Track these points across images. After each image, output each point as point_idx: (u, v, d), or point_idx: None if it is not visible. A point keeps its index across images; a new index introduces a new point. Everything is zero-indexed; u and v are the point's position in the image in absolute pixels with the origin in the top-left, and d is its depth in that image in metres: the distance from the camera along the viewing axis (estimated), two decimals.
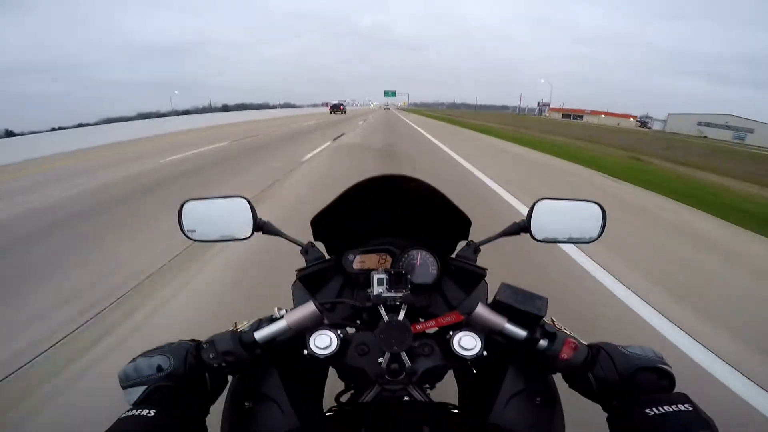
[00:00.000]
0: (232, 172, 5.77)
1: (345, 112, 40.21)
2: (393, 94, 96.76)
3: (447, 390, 0.68)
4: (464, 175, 5.53)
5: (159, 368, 0.47)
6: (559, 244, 2.29)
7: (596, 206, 0.68)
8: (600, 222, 0.68)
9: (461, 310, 0.56)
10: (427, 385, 0.66)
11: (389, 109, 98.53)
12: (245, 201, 0.68)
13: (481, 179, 5.23)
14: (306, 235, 0.72)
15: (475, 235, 0.72)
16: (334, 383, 0.67)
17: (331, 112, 38.78)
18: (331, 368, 0.64)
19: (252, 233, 0.68)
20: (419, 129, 14.93)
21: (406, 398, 0.55)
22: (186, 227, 0.68)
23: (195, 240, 0.69)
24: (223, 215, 0.68)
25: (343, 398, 0.66)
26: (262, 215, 0.67)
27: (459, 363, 0.55)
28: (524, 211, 1.14)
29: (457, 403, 0.64)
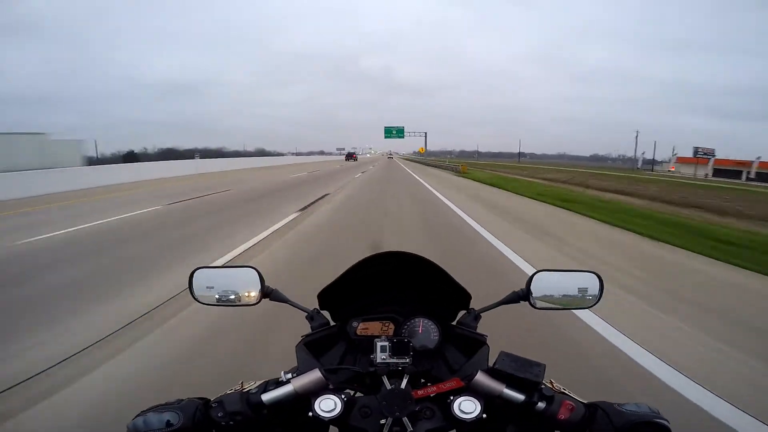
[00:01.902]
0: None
1: (356, 159, 55.98)
2: (400, 132, 50.91)
3: None
4: None
5: (168, 424, 0.52)
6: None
7: (594, 276, 0.76)
8: (597, 290, 0.75)
9: (461, 376, 0.62)
10: None
11: (392, 158, 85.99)
12: (254, 271, 0.76)
13: None
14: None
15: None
16: None
17: (346, 159, 55.28)
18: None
19: (260, 300, 0.76)
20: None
21: None
22: (196, 291, 0.77)
23: (203, 303, 0.77)
24: (232, 282, 0.77)
25: None
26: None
27: (459, 426, 0.60)
28: None
29: None
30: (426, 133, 56.95)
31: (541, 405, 0.57)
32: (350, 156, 57.28)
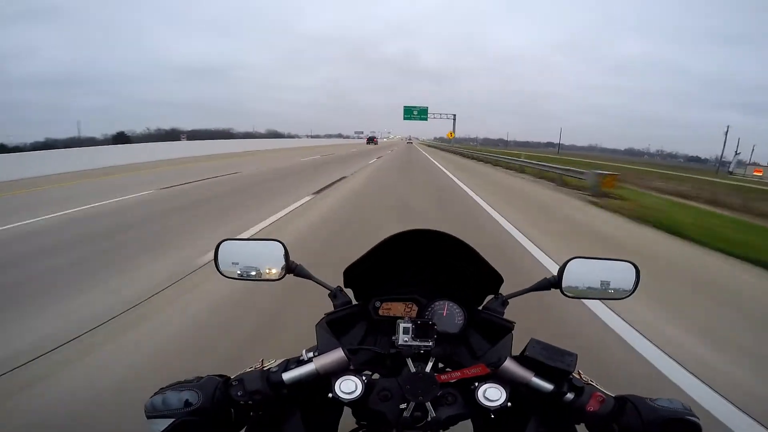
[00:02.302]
0: None
1: (377, 143, 59.73)
2: (422, 114, 44.89)
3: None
4: None
5: (187, 403, 0.51)
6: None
7: (630, 265, 0.73)
8: (633, 280, 0.73)
9: (487, 360, 0.62)
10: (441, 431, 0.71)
11: (411, 142, 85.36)
12: (280, 244, 0.76)
13: None
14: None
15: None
16: (345, 420, 0.71)
17: (367, 143, 59.17)
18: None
19: (284, 275, 0.76)
20: None
21: None
22: (221, 264, 0.77)
23: (227, 277, 0.77)
24: (257, 256, 0.77)
25: None
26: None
27: (481, 413, 0.59)
28: None
29: None
30: (455, 116, 46.06)
31: (569, 395, 0.57)
32: (371, 140, 64.44)
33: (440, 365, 0.70)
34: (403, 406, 0.59)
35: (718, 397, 1.80)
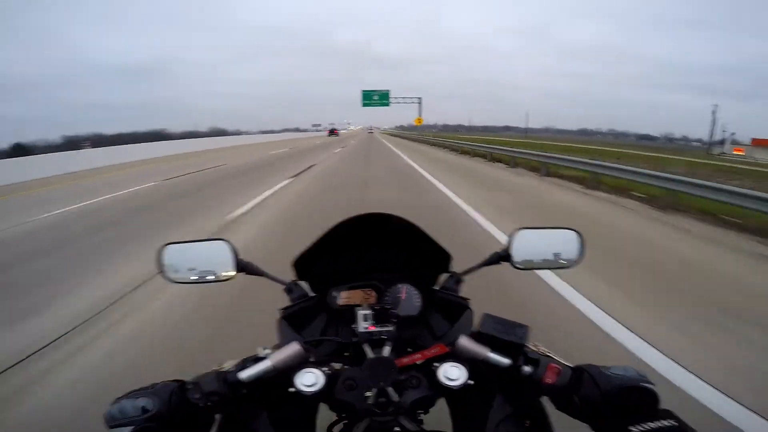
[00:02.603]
0: None
1: (338, 135, 59.48)
2: (384, 99, 36.55)
3: (442, 415, 0.72)
4: None
5: (143, 410, 0.51)
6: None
7: (573, 233, 0.77)
8: (578, 247, 0.76)
9: (445, 341, 0.62)
10: (421, 411, 0.71)
11: (372, 132, 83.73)
12: (226, 243, 0.74)
13: None
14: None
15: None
16: (327, 412, 0.71)
17: (328, 135, 58.70)
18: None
19: (235, 275, 0.74)
20: None
21: (397, 429, 0.59)
22: (166, 269, 0.74)
23: (175, 282, 0.75)
24: (204, 257, 0.75)
25: (336, 429, 0.70)
26: None
27: (447, 394, 0.61)
28: None
29: (450, 427, 0.70)
30: (420, 99, 36.86)
31: (527, 369, 0.58)
32: (332, 132, 64.58)
33: (409, 350, 0.70)
34: (369, 393, 0.59)
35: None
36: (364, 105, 37.81)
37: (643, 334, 2.19)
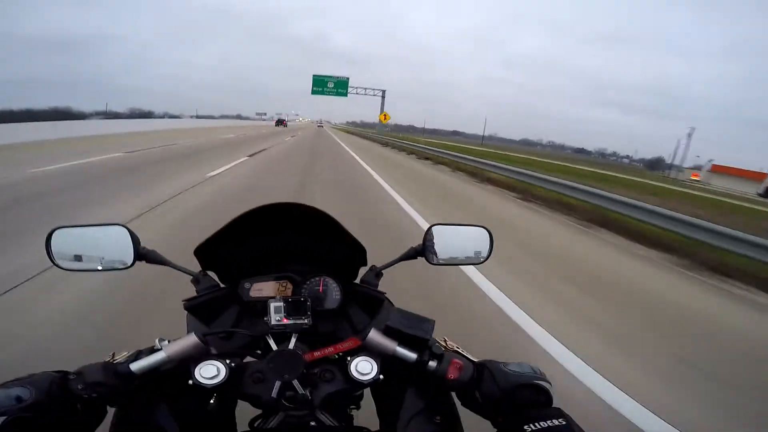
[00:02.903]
0: None
1: (286, 126, 61.80)
2: (341, 87, 30.78)
3: (374, 411, 0.74)
4: None
5: (18, 399, 0.48)
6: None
7: (484, 230, 0.82)
8: (488, 244, 0.82)
9: (360, 336, 0.63)
10: (353, 407, 0.74)
11: (322, 126, 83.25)
12: (124, 229, 0.69)
13: None
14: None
15: None
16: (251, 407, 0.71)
17: (276, 125, 60.97)
18: None
19: (133, 263, 0.70)
20: None
21: (313, 424, 0.61)
22: (56, 256, 0.67)
23: (67, 269, 0.69)
24: (99, 244, 0.70)
25: (257, 423, 0.69)
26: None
27: (359, 388, 0.62)
28: None
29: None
30: (384, 93, 32.14)
31: (432, 364, 0.59)
32: (280, 122, 67.37)
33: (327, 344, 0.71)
34: (275, 386, 0.59)
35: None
36: (315, 92, 31.21)
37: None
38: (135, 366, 0.55)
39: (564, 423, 0.51)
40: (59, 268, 0.69)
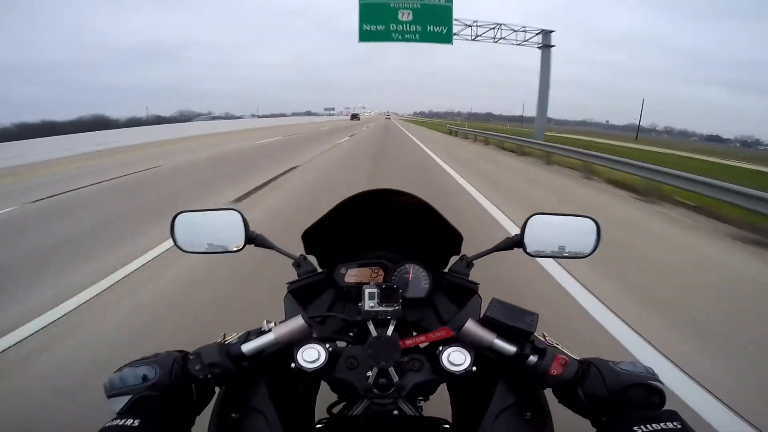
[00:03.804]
0: None
1: (360, 119, 68.00)
2: (443, 21, 13.61)
3: (442, 403, 0.75)
4: None
5: (144, 378, 0.54)
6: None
7: (591, 221, 0.77)
8: (594, 237, 0.77)
9: (452, 326, 0.63)
10: (421, 398, 0.74)
11: (390, 118, 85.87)
12: (238, 214, 0.77)
13: None
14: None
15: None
16: (329, 393, 0.74)
17: (351, 119, 68.31)
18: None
19: (244, 245, 0.77)
20: None
21: (396, 412, 0.62)
22: (178, 238, 0.77)
23: (186, 251, 0.78)
24: (215, 227, 0.78)
25: (335, 410, 0.73)
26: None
27: (448, 378, 0.62)
28: None
29: (450, 416, 0.71)
30: (550, 36, 17.76)
31: (533, 358, 0.58)
32: (355, 116, 74.07)
33: (413, 332, 0.73)
34: (369, 373, 0.61)
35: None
36: (366, 38, 16.12)
37: None
38: (246, 347, 0.59)
39: (680, 427, 0.48)
40: (180, 250, 0.79)
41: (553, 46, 17.93)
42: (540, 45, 18.09)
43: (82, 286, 2.81)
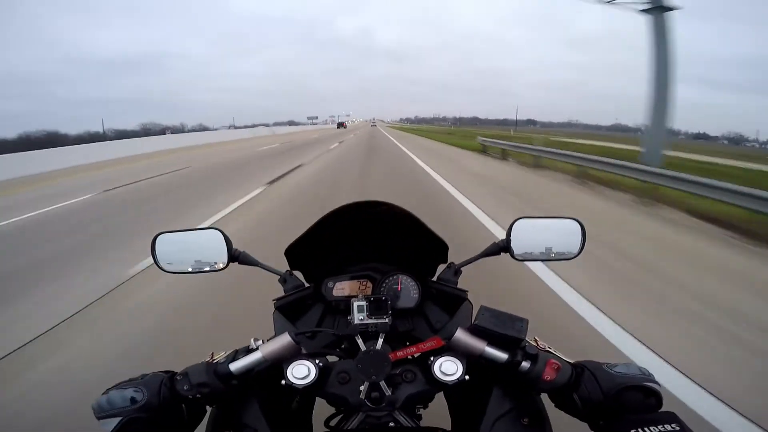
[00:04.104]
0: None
1: (346, 127, 68.79)
2: None
3: (442, 410, 0.76)
4: None
5: (132, 400, 0.54)
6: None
7: (575, 222, 0.78)
8: (579, 238, 0.78)
9: (442, 335, 0.63)
10: (420, 406, 0.74)
11: (375, 125, 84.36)
12: (219, 233, 0.77)
13: None
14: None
15: None
16: (327, 406, 0.73)
17: (338, 127, 68.11)
18: None
19: (228, 264, 0.77)
20: None
21: (392, 424, 0.62)
22: (160, 259, 0.77)
23: (169, 272, 0.78)
24: (197, 247, 0.78)
25: (333, 422, 0.73)
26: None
27: (442, 388, 0.62)
28: None
29: (450, 425, 0.72)
30: None
31: (525, 364, 0.58)
32: (341, 125, 77.19)
33: (407, 342, 0.73)
34: (362, 387, 0.61)
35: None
36: None
37: None
38: (234, 366, 0.59)
39: (678, 429, 0.48)
40: (162, 271, 0.78)
41: (673, 9, 10.51)
42: (649, 4, 10.65)
43: None
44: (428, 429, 0.64)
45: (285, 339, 0.61)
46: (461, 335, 0.60)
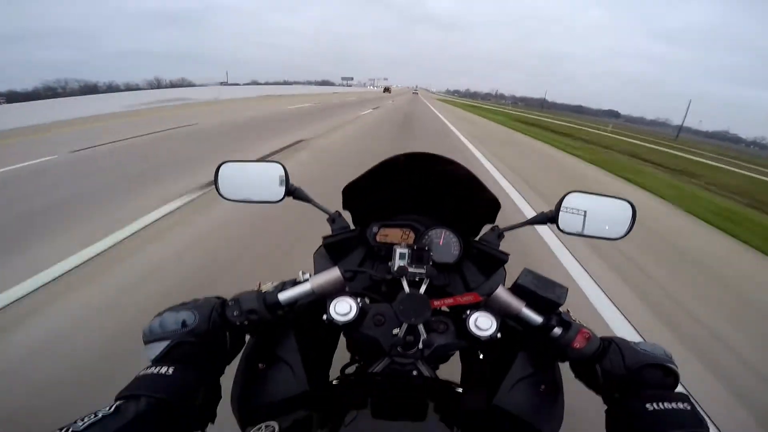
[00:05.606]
0: None
1: (390, 92, 73.39)
2: None
3: (452, 370, 0.82)
4: None
5: (183, 323, 0.58)
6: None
7: (627, 204, 0.81)
8: (629, 220, 0.81)
9: (480, 292, 0.68)
10: (432, 365, 0.79)
11: (417, 93, 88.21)
12: (280, 166, 0.84)
13: None
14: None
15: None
16: (339, 356, 0.81)
17: (383, 92, 73.63)
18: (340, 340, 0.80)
19: (283, 197, 0.85)
20: None
21: (414, 372, 0.67)
22: (221, 186, 0.85)
23: (228, 199, 0.86)
24: (257, 178, 0.86)
25: (349, 370, 0.80)
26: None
27: (472, 343, 0.66)
28: None
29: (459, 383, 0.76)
30: None
31: (557, 330, 0.63)
32: (387, 89, 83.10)
33: (461, 297, 0.75)
34: (396, 331, 0.66)
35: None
36: None
37: None
38: (282, 296, 0.64)
39: (689, 408, 0.52)
40: (222, 198, 0.86)
41: None
42: None
43: None
44: (446, 382, 0.70)
45: (335, 273, 0.66)
46: (501, 293, 0.65)
